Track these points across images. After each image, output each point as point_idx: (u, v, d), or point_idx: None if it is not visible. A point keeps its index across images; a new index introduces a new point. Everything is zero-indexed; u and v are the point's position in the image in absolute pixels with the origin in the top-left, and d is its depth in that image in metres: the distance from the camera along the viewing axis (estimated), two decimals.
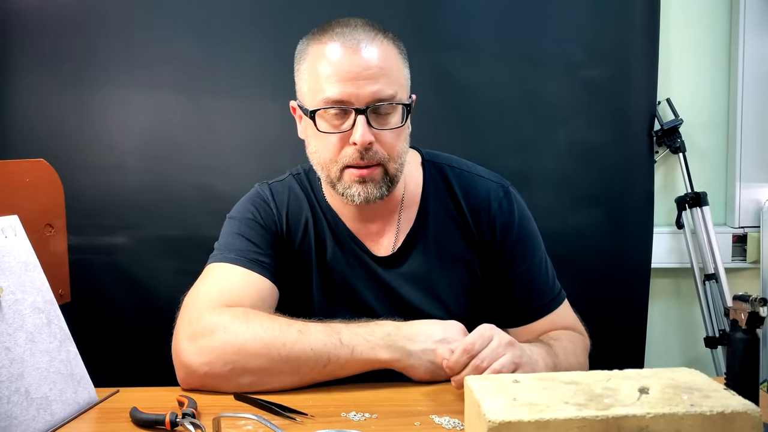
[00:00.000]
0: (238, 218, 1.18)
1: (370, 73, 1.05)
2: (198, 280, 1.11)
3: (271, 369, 0.99)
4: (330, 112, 1.07)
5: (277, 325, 1.00)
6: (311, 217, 1.19)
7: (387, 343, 1.00)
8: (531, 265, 1.19)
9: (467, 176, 1.22)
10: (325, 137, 1.08)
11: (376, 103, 1.05)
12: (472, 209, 1.19)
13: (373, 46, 1.06)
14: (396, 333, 1.01)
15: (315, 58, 1.08)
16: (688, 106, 1.99)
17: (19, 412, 0.85)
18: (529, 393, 0.73)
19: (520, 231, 1.19)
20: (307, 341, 0.99)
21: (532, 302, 1.18)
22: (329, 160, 1.10)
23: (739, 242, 2.04)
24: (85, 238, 1.87)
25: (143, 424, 0.89)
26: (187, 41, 1.89)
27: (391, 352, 1.00)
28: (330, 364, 0.99)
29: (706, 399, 0.70)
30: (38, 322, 0.93)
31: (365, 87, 1.04)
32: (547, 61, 1.91)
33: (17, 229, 0.97)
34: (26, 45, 1.89)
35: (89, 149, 1.90)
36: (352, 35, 1.06)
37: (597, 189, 1.94)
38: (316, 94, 1.07)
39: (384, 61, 1.07)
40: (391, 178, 1.11)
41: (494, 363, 0.94)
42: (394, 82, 1.07)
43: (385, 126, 1.08)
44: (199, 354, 1.00)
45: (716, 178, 2.06)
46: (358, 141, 1.05)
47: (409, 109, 1.10)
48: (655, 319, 2.05)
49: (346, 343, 0.99)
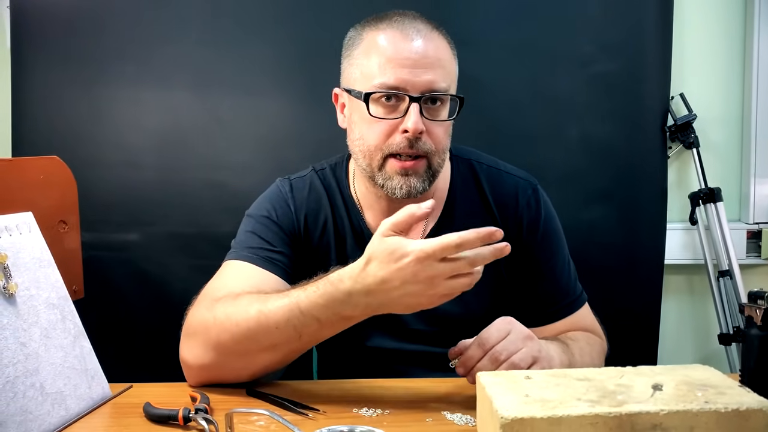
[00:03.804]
0: (254, 216, 1.18)
1: (427, 62, 1.05)
2: (213, 277, 1.12)
3: (249, 351, 0.97)
4: (382, 98, 1.06)
5: (238, 310, 0.97)
6: (331, 214, 1.19)
7: (349, 305, 0.91)
8: (554, 265, 1.18)
9: (495, 172, 1.21)
10: (375, 123, 1.07)
11: (431, 92, 1.05)
12: (500, 206, 1.18)
13: (431, 36, 1.07)
14: (354, 292, 0.89)
15: (371, 44, 1.08)
16: (701, 100, 1.98)
17: (34, 406, 0.85)
18: (542, 389, 0.73)
19: (545, 229, 1.18)
20: (270, 321, 0.94)
21: (554, 302, 1.17)
22: (374, 147, 1.08)
23: (754, 238, 2.02)
24: (99, 234, 1.88)
25: (156, 419, 0.90)
26: (199, 39, 1.89)
27: (357, 311, 0.91)
28: (303, 335, 0.94)
29: (720, 396, 0.69)
30: (53, 317, 0.94)
31: (422, 75, 1.04)
32: (559, 56, 1.90)
33: (31, 226, 0.97)
34: (40, 43, 1.90)
35: (102, 146, 1.91)
36: (412, 24, 1.07)
37: (610, 185, 1.93)
38: (370, 78, 1.06)
39: (440, 53, 1.07)
40: (434, 172, 1.10)
41: (512, 356, 0.92)
42: (447, 75, 1.08)
43: (437, 117, 1.08)
44: (189, 351, 1.02)
45: (730, 173, 2.04)
46: (410, 128, 1.04)
47: (461, 104, 1.10)
48: (668, 316, 2.03)
49: (307, 314, 0.92)
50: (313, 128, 1.86)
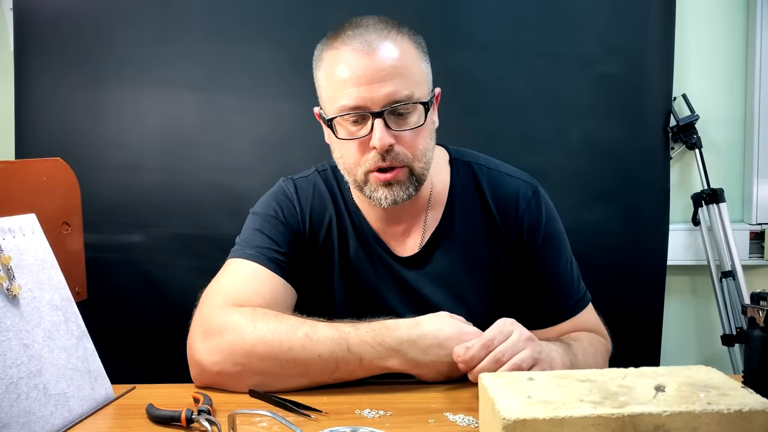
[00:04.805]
0: (260, 214, 1.18)
1: (382, 75, 1.03)
2: (217, 275, 1.11)
3: (280, 373, 0.99)
4: (348, 118, 1.06)
5: (284, 328, 0.99)
6: (335, 215, 1.19)
7: (397, 352, 0.98)
8: (557, 267, 1.17)
9: (495, 174, 1.20)
10: (347, 144, 1.08)
11: (392, 104, 1.04)
12: (500, 208, 1.17)
13: (385, 45, 1.04)
14: (407, 341, 0.98)
15: (329, 65, 1.07)
16: (704, 101, 1.97)
17: (37, 408, 0.85)
18: (544, 391, 0.73)
19: (547, 232, 1.17)
20: (315, 348, 0.98)
21: (557, 304, 1.17)
22: (353, 165, 1.09)
23: (757, 239, 2.02)
24: (102, 236, 1.88)
25: (159, 420, 0.90)
26: (202, 40, 1.90)
27: (400, 362, 0.99)
28: (338, 371, 0.99)
29: (723, 397, 0.69)
30: (56, 319, 0.94)
31: (379, 90, 1.02)
32: (562, 57, 1.90)
33: (35, 228, 0.98)
34: (43, 45, 1.91)
35: (105, 148, 1.92)
36: (362, 37, 1.04)
37: (612, 186, 1.93)
38: (333, 101, 1.07)
39: (397, 60, 1.04)
40: (418, 177, 1.09)
41: (514, 357, 0.93)
42: (409, 80, 1.05)
43: (405, 127, 1.06)
44: (210, 353, 1.01)
45: (733, 174, 2.04)
46: (377, 145, 1.04)
47: (427, 106, 1.08)
48: (671, 317, 2.03)
49: (354, 351, 0.98)
50: (317, 130, 1.83)
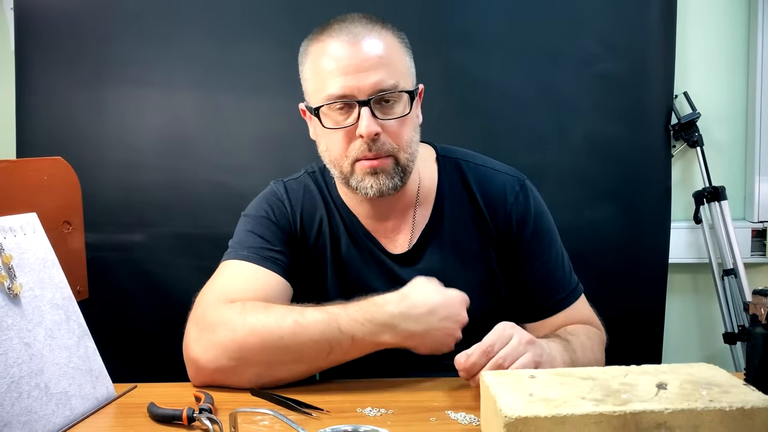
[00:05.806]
0: (252, 216, 1.18)
1: (369, 64, 1.05)
2: (211, 278, 1.12)
3: (274, 362, 0.99)
4: (334, 107, 1.07)
5: (273, 317, 0.99)
6: (326, 214, 1.19)
7: (389, 327, 0.98)
8: (548, 260, 1.18)
9: (483, 170, 1.21)
10: (333, 134, 1.09)
11: (378, 93, 1.05)
12: (489, 204, 1.18)
13: (371, 37, 1.06)
14: (398, 315, 0.98)
15: (315, 57, 1.09)
16: (705, 99, 1.97)
17: (39, 407, 0.85)
18: (546, 388, 0.73)
19: (536, 225, 1.18)
20: (305, 333, 0.98)
21: (549, 297, 1.17)
22: (339, 156, 1.10)
23: (759, 237, 2.02)
24: (102, 235, 1.88)
25: (161, 419, 0.90)
26: (202, 40, 1.89)
27: (393, 336, 0.99)
28: (333, 352, 0.99)
29: (725, 394, 0.69)
30: (57, 318, 0.94)
31: (366, 78, 1.04)
32: (562, 55, 1.90)
33: (36, 227, 0.98)
34: (44, 45, 1.91)
35: (106, 147, 1.92)
36: (348, 29, 1.07)
37: (614, 184, 1.92)
38: (319, 92, 1.08)
39: (383, 51, 1.06)
40: (403, 168, 1.10)
41: (515, 362, 0.93)
42: (395, 71, 1.07)
43: (391, 116, 1.07)
44: (205, 350, 1.01)
45: (734, 172, 2.04)
46: (364, 133, 1.05)
47: (412, 95, 1.09)
48: (673, 315, 2.03)
49: (345, 331, 0.98)
50: None
